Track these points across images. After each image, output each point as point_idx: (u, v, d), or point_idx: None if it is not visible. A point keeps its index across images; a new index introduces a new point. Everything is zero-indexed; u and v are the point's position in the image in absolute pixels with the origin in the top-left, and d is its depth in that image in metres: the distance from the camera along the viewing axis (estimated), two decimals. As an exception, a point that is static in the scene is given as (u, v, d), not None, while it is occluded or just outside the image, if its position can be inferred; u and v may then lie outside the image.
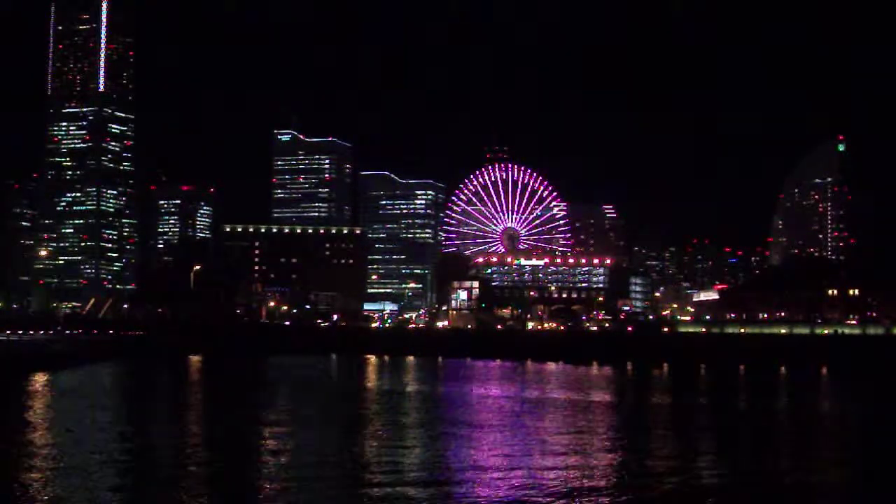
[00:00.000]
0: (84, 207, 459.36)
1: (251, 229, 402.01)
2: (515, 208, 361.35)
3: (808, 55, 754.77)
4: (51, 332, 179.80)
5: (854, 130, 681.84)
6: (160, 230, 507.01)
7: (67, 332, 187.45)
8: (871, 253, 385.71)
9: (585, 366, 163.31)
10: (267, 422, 73.53)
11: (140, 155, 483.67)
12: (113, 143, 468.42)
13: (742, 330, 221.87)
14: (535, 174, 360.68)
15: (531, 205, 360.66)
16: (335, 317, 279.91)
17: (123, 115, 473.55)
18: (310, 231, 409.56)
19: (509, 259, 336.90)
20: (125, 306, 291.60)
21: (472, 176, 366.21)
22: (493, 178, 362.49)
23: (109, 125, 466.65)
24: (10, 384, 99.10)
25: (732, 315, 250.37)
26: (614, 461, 56.00)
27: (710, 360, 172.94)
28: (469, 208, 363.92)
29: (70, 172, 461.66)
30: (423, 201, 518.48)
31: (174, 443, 60.93)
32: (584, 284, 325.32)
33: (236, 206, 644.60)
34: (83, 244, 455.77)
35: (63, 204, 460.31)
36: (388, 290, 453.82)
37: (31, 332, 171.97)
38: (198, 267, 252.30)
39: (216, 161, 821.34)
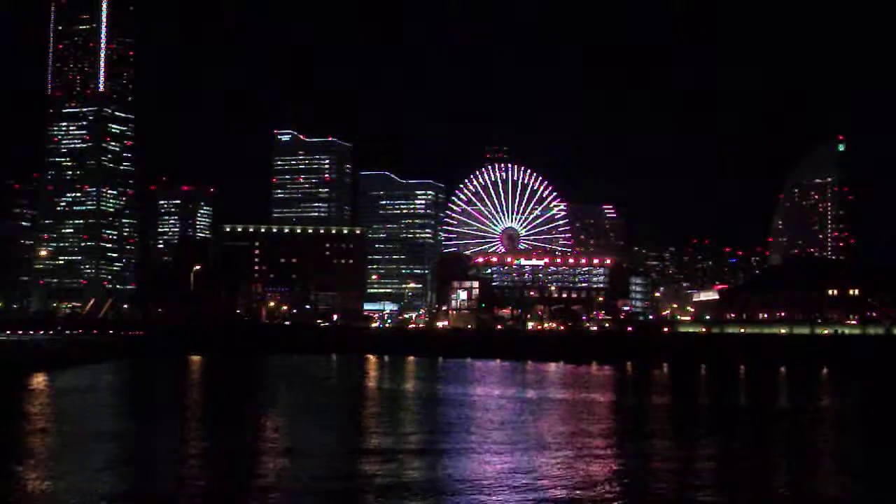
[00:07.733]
0: (84, 207, 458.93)
1: (251, 229, 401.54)
2: (515, 208, 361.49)
3: (809, 55, 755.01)
4: (51, 333, 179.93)
5: (854, 130, 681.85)
6: (160, 230, 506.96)
7: (67, 332, 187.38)
8: (871, 253, 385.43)
9: (585, 366, 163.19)
10: (265, 422, 73.44)
11: (140, 155, 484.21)
12: (113, 143, 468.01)
13: (742, 330, 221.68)
14: (535, 174, 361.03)
15: (531, 205, 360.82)
16: (335, 317, 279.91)
17: (123, 115, 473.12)
18: (310, 231, 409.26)
19: (509, 259, 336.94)
20: (125, 306, 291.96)
21: (472, 176, 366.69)
22: (493, 178, 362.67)
23: (109, 125, 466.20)
24: (10, 385, 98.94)
25: (732, 315, 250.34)
26: (614, 462, 55.93)
27: (710, 360, 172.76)
28: (469, 208, 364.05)
29: (70, 172, 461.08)
30: (423, 201, 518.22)
31: (169, 444, 60.75)
32: (584, 284, 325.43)
33: (236, 206, 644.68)
34: (83, 244, 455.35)
35: (63, 204, 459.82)
36: (388, 290, 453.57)
37: (31, 333, 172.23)
38: (198, 267, 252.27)
39: (216, 161, 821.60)
